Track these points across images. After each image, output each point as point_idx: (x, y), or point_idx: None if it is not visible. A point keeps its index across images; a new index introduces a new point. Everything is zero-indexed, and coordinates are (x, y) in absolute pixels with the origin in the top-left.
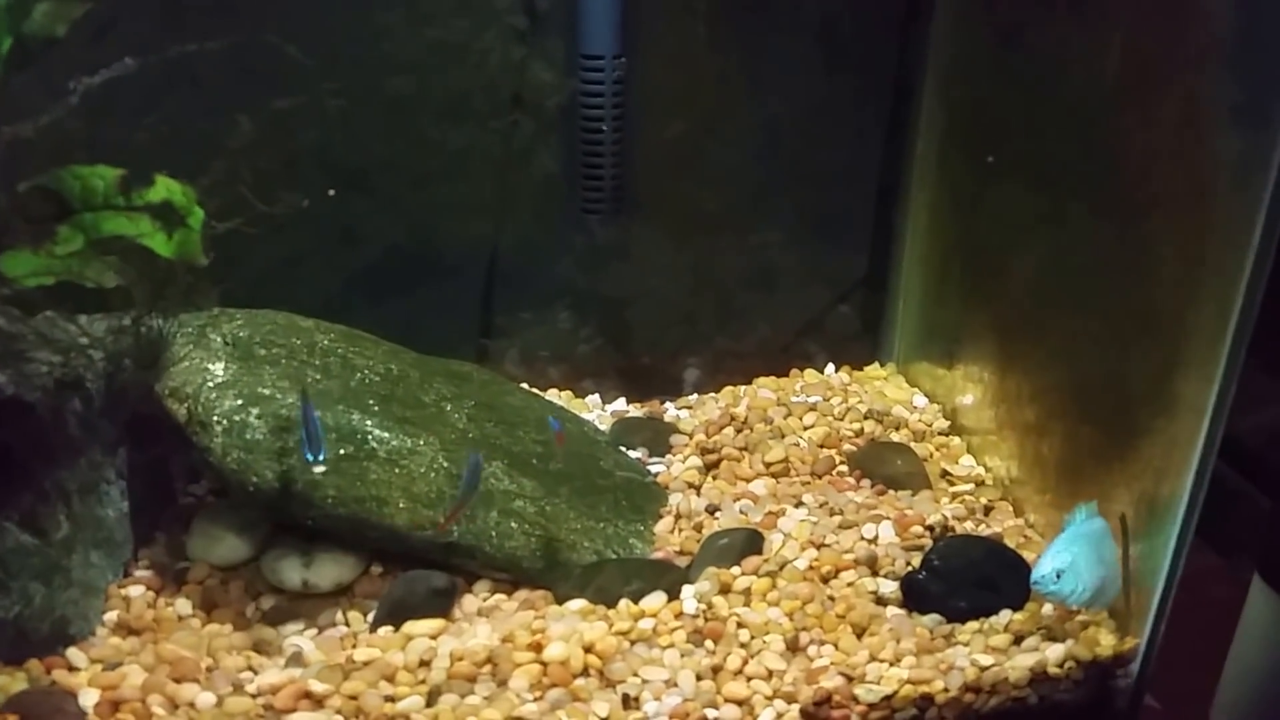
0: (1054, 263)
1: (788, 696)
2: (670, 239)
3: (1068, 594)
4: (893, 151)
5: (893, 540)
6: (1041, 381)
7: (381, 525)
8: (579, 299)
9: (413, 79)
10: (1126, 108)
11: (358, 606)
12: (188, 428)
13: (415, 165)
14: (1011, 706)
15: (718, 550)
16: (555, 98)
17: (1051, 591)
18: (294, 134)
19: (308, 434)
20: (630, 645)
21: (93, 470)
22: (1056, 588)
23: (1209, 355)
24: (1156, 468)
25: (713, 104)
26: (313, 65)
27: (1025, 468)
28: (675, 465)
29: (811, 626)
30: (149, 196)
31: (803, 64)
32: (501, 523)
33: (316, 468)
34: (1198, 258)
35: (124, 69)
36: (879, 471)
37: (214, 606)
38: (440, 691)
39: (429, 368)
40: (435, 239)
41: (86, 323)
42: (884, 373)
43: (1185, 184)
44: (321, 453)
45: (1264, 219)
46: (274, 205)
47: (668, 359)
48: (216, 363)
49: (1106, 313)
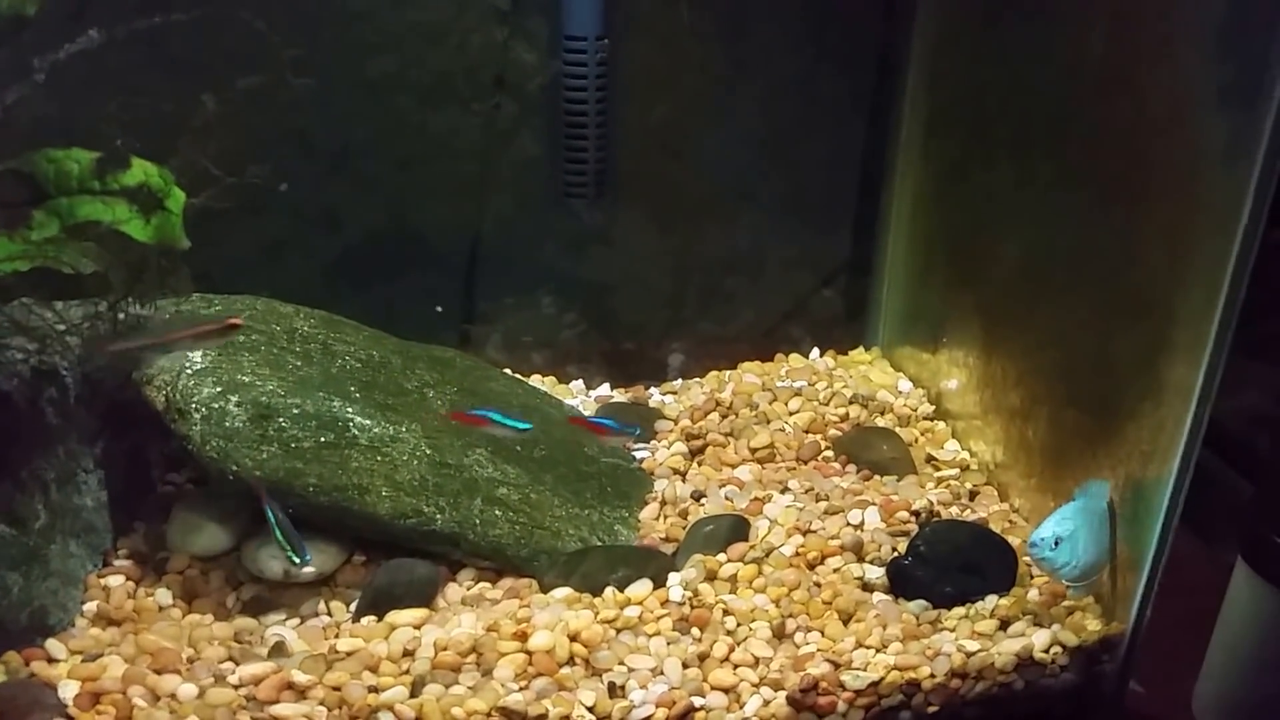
0: (1039, 246)
1: (774, 683)
2: (654, 223)
3: (1060, 565)
4: (877, 135)
5: (878, 526)
6: (1026, 366)
7: (364, 513)
8: (563, 284)
9: (393, 61)
10: (1112, 91)
11: (340, 596)
12: (166, 415)
13: (397, 148)
14: (998, 692)
15: (703, 537)
16: (538, 80)
17: (1046, 557)
18: (272, 117)
19: (283, 536)
20: (616, 633)
21: (70, 459)
22: (1053, 554)
23: (1196, 339)
24: (1143, 452)
25: (697, 87)
26: (290, 47)
27: (1010, 452)
28: (660, 451)
29: (798, 613)
30: (125, 180)
31: (787, 48)
32: (485, 510)
33: (305, 569)
34: (1184, 241)
35: (89, 43)
36: (864, 457)
37: (195, 596)
38: (424, 682)
39: (411, 354)
40: (417, 223)
41: (63, 309)
42: (869, 357)
43: (1172, 167)
44: (305, 554)
45: (1251, 202)
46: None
47: (652, 344)
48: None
49: (1092, 297)
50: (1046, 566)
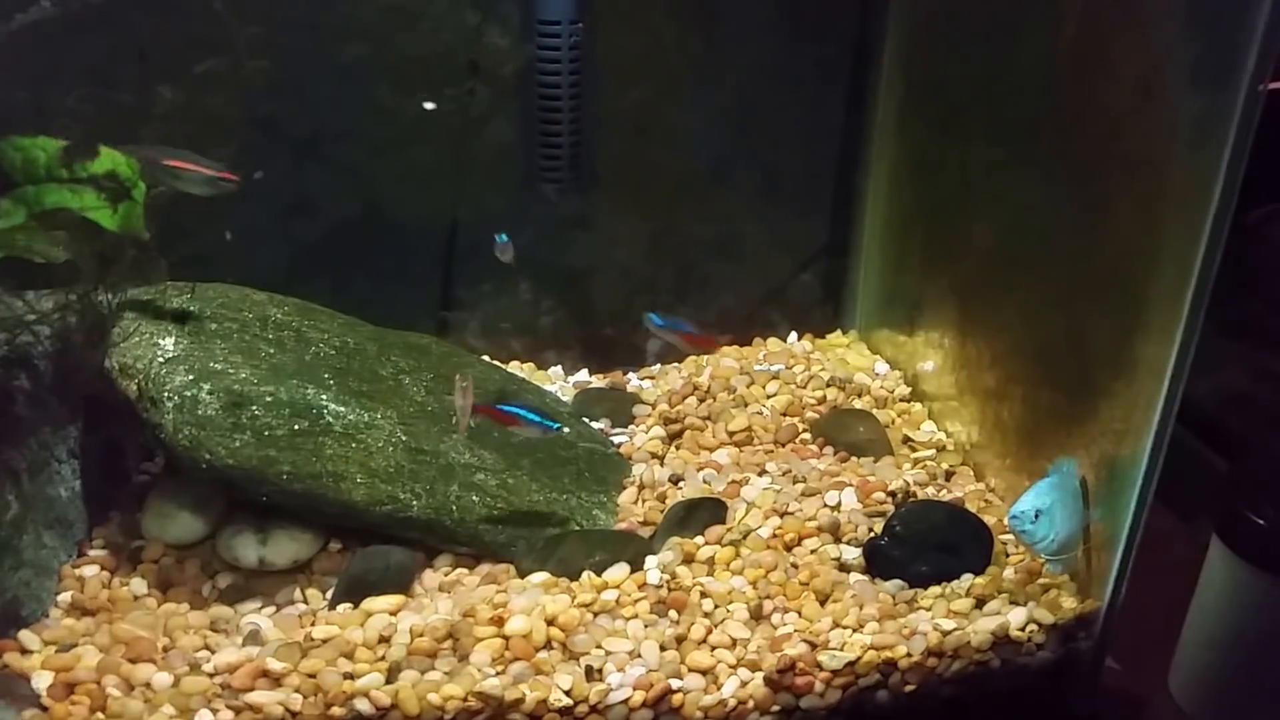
0: (1013, 228)
1: (751, 665)
2: (631, 208)
3: (1040, 538)
4: (853, 118)
5: (855, 507)
6: (1001, 346)
7: (339, 501)
8: (540, 270)
9: (366, 45)
10: (1084, 72)
11: (316, 584)
12: (138, 404)
13: (371, 134)
14: (974, 670)
15: (681, 520)
16: (511, 64)
17: (1026, 530)
18: (246, 103)
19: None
20: (593, 617)
21: (42, 449)
22: (1032, 527)
23: (1168, 318)
24: (1116, 430)
25: (672, 71)
26: (263, 32)
27: (986, 432)
28: (638, 436)
29: (775, 594)
30: (93, 169)
31: (763, 30)
32: (463, 496)
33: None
34: (1156, 221)
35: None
36: (841, 439)
37: (170, 585)
38: (400, 668)
39: (386, 341)
40: (393, 210)
41: (33, 298)
42: (846, 340)
43: (1144, 147)
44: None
45: (1222, 181)
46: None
47: (630, 329)
48: (166, 338)
49: (1066, 277)
50: (1026, 540)
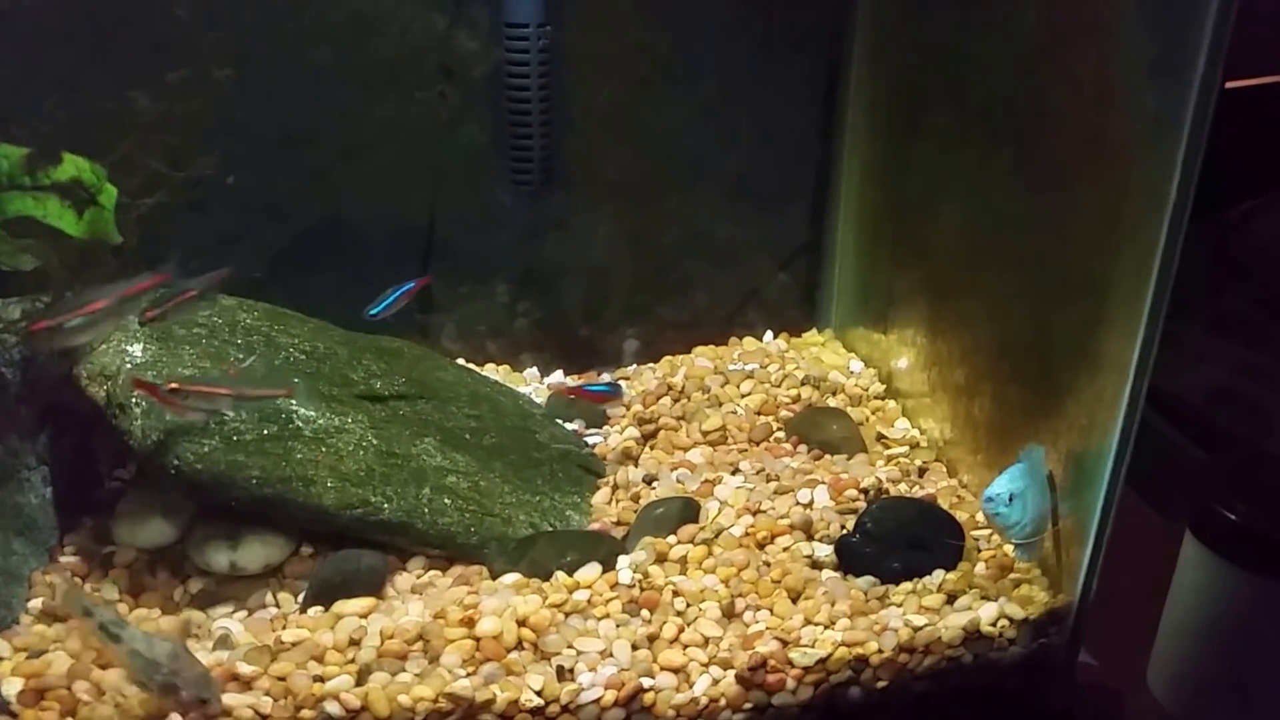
0: (980, 225)
1: (723, 663)
2: (605, 210)
3: (1013, 522)
4: (824, 118)
5: (828, 504)
6: (971, 343)
7: (309, 505)
8: (515, 272)
9: (334, 50)
10: (1046, 69)
11: (288, 588)
12: (107, 410)
13: (341, 138)
14: (946, 666)
15: (654, 520)
16: (481, 67)
17: (1000, 513)
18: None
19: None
20: (565, 617)
21: (11, 457)
22: (1007, 510)
23: (1131, 313)
24: (1083, 425)
25: (642, 72)
26: (231, 37)
27: (958, 429)
28: (613, 436)
29: (747, 592)
30: (57, 175)
31: (733, 31)
32: (435, 499)
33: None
34: (1117, 216)
35: None
36: (815, 437)
37: (141, 590)
38: (370, 670)
39: (358, 345)
40: (364, 214)
41: (0, 306)
42: (821, 339)
43: (1104, 143)
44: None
45: (1179, 176)
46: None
47: (606, 331)
48: (135, 344)
49: (1031, 273)
50: (1000, 523)
